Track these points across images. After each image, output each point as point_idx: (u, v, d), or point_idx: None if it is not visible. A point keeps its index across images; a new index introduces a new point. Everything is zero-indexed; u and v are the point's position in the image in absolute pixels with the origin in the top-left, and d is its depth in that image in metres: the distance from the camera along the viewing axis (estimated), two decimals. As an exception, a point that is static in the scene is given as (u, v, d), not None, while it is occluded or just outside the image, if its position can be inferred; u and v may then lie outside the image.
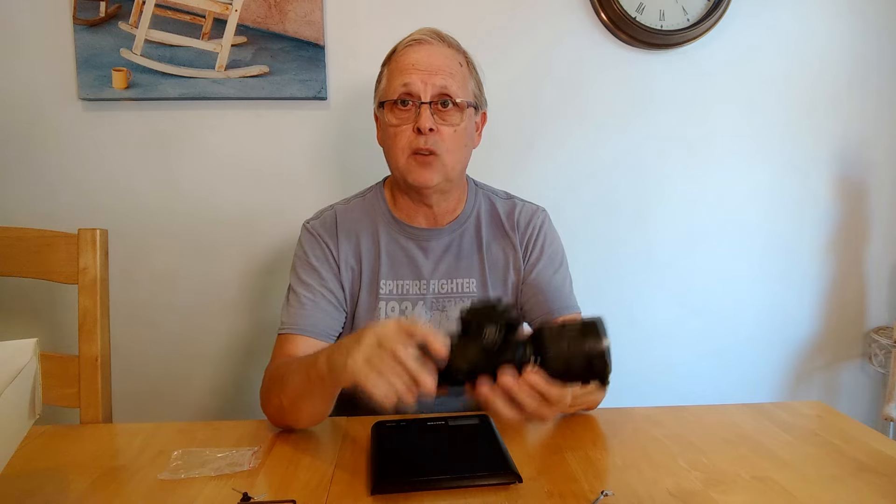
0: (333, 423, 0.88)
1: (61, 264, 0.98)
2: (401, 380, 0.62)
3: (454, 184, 0.98)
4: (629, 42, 1.44)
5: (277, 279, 1.45)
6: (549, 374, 0.63)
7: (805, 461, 0.75)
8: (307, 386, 0.77)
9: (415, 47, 0.93)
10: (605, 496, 0.66)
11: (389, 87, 0.94)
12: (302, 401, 0.80)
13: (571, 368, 0.63)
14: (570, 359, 0.63)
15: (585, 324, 0.64)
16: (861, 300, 1.59)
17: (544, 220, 1.04)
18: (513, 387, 0.62)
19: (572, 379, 0.64)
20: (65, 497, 0.68)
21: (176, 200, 1.42)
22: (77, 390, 0.95)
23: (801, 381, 1.61)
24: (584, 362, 0.63)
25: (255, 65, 1.36)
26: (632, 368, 1.54)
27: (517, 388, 0.62)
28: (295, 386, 0.79)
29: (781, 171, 1.52)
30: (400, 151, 0.93)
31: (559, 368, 0.63)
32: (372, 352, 0.64)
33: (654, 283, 1.54)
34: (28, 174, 1.39)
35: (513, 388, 0.62)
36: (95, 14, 1.33)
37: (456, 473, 0.69)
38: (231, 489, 0.68)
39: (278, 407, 0.82)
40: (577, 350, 0.63)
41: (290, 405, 0.81)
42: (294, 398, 0.80)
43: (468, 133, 0.96)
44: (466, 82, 0.95)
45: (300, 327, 0.92)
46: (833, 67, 1.50)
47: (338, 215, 1.01)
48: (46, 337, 1.44)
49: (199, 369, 1.48)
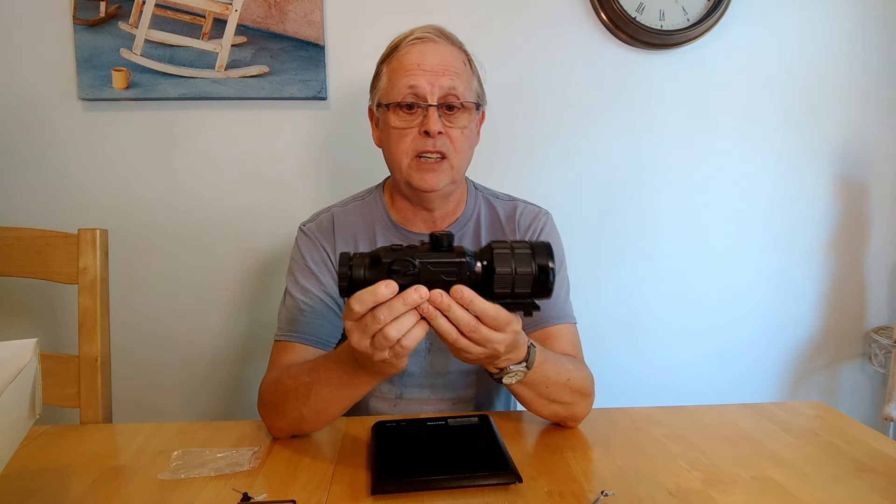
0: (333, 423, 0.88)
1: (61, 264, 0.98)
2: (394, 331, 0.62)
3: (457, 185, 0.96)
4: (629, 42, 1.44)
5: (277, 279, 1.45)
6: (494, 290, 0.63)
7: (805, 461, 0.75)
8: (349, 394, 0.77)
9: (418, 45, 0.90)
10: (605, 496, 0.66)
11: (393, 88, 0.91)
12: (332, 410, 0.79)
13: (517, 284, 0.62)
14: (517, 275, 0.62)
15: (535, 245, 0.64)
16: (861, 300, 1.59)
17: (546, 222, 1.02)
18: (440, 301, 0.61)
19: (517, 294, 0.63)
20: (65, 497, 0.68)
21: (176, 200, 1.43)
22: (77, 390, 0.95)
23: (801, 381, 1.61)
24: (530, 279, 0.62)
25: (255, 65, 1.36)
26: (632, 368, 1.54)
27: (445, 302, 0.61)
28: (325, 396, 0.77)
29: (781, 171, 1.52)
30: (403, 154, 0.90)
31: (506, 284, 0.62)
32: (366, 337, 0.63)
33: (654, 283, 1.54)
34: (28, 174, 1.39)
35: (441, 303, 0.61)
36: (95, 14, 1.33)
37: (456, 473, 0.69)
38: (231, 489, 0.69)
39: (296, 420, 0.80)
40: (525, 266, 0.62)
41: (314, 416, 0.80)
42: (321, 409, 0.79)
43: (473, 133, 0.95)
44: (470, 81, 0.93)
45: (299, 334, 0.90)
46: (833, 68, 1.50)
47: (335, 218, 0.99)
48: (46, 337, 1.44)
49: (199, 369, 1.48)
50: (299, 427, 0.82)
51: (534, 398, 0.80)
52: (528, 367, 0.73)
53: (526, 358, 0.73)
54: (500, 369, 0.73)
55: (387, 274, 0.61)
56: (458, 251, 0.63)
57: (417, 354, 0.97)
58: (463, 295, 0.61)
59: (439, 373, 0.97)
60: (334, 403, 0.78)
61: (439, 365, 0.97)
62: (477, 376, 0.99)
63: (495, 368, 0.73)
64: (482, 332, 0.63)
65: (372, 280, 0.62)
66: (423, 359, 0.97)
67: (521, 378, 0.74)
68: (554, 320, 0.93)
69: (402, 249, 0.63)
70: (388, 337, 0.61)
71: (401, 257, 0.61)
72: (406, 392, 0.98)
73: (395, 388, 0.98)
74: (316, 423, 0.82)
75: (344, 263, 0.63)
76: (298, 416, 0.80)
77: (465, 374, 0.98)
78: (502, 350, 0.66)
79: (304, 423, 0.81)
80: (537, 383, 0.77)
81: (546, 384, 0.78)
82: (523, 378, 0.74)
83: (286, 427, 0.82)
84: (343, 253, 0.64)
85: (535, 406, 0.82)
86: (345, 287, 0.63)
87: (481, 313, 0.62)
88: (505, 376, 0.74)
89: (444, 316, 0.62)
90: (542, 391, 0.79)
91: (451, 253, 0.63)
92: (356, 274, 0.63)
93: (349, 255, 0.64)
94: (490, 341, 0.64)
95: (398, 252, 0.62)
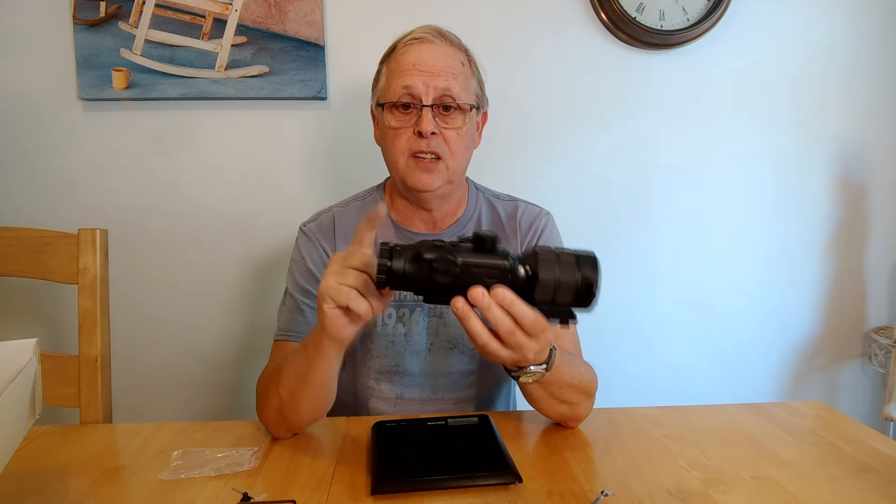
0: (333, 423, 0.88)
1: (61, 264, 0.98)
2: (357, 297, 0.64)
3: (455, 186, 0.95)
4: (629, 42, 1.44)
5: (277, 279, 1.44)
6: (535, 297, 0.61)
7: (805, 461, 0.75)
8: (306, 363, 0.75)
9: (416, 46, 0.90)
10: (605, 496, 0.66)
11: (389, 88, 0.91)
12: (302, 387, 0.77)
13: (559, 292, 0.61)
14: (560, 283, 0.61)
15: (580, 255, 0.62)
16: (861, 300, 1.59)
17: (547, 222, 1.01)
18: (482, 300, 0.60)
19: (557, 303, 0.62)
20: (65, 497, 0.68)
21: (176, 200, 1.42)
22: (77, 390, 0.95)
23: (801, 381, 1.61)
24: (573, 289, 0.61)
25: (255, 65, 1.36)
26: (632, 368, 1.54)
27: (486, 302, 0.60)
28: (292, 371, 0.77)
29: (781, 171, 1.53)
30: (399, 153, 0.90)
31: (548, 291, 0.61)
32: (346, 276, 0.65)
33: (654, 283, 1.54)
34: (28, 174, 1.39)
35: (482, 302, 0.60)
36: (95, 14, 1.33)
37: (456, 473, 0.69)
38: (231, 489, 0.69)
39: (278, 407, 0.79)
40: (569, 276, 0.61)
41: (289, 397, 0.78)
42: (293, 387, 0.77)
43: (470, 134, 0.94)
44: (469, 82, 0.93)
45: (299, 334, 0.91)
46: (833, 67, 1.50)
47: (335, 218, 0.99)
48: (46, 337, 1.44)
49: (199, 369, 1.48)
50: (282, 415, 0.80)
51: (545, 397, 0.80)
52: (547, 369, 0.73)
53: (547, 360, 0.72)
54: (520, 367, 0.72)
55: (427, 272, 0.60)
56: (502, 253, 0.62)
57: (417, 354, 0.97)
58: (504, 296, 0.60)
59: (439, 373, 0.97)
60: (301, 377, 0.76)
61: (439, 365, 0.97)
62: (477, 376, 0.99)
63: (514, 366, 0.73)
64: (517, 337, 0.62)
65: (412, 274, 0.61)
66: (424, 359, 0.97)
67: (538, 378, 0.74)
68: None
69: (446, 246, 0.61)
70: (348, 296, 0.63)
71: (444, 255, 0.60)
72: (406, 392, 0.98)
73: (396, 388, 0.98)
74: (297, 410, 0.79)
75: (385, 255, 0.62)
76: (278, 402, 0.79)
77: (465, 374, 0.98)
78: (531, 357, 0.66)
79: (285, 410, 0.79)
80: (552, 384, 0.77)
81: (559, 385, 0.78)
82: (540, 378, 0.74)
83: (273, 417, 0.81)
84: (383, 243, 0.63)
85: (544, 405, 0.82)
86: (383, 280, 0.62)
87: (520, 317, 0.61)
88: (523, 375, 0.73)
89: (477, 317, 0.61)
90: (554, 391, 0.79)
91: (494, 255, 0.61)
92: (396, 266, 0.61)
93: (390, 247, 0.62)
94: (522, 347, 0.63)
95: (441, 250, 0.61)
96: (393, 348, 0.97)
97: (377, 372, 0.98)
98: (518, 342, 0.63)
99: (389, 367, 0.98)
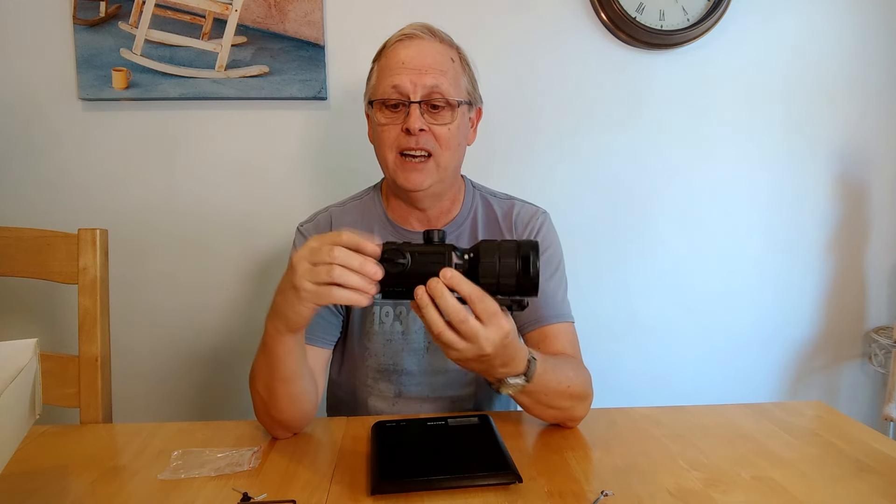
0: (333, 423, 0.88)
1: (61, 264, 0.98)
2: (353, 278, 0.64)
3: (447, 184, 0.95)
4: (629, 42, 1.44)
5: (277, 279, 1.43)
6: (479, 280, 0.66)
7: (805, 461, 0.75)
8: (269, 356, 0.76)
9: (405, 43, 0.90)
10: (605, 496, 0.66)
11: (379, 86, 0.91)
12: (273, 379, 0.77)
13: (502, 276, 0.66)
14: (502, 266, 0.65)
15: (521, 241, 0.67)
16: (861, 300, 1.59)
17: (543, 222, 1.01)
18: (434, 286, 0.64)
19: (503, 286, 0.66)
20: (65, 497, 0.68)
21: (176, 200, 1.43)
22: (77, 390, 0.95)
23: (801, 381, 1.61)
24: (514, 271, 0.65)
25: (255, 65, 1.36)
26: (632, 368, 1.54)
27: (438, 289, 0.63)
28: (261, 365, 0.78)
29: (781, 171, 1.53)
30: (388, 149, 0.91)
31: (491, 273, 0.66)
32: (312, 273, 0.66)
33: (654, 283, 1.54)
34: (28, 174, 1.39)
35: (434, 289, 0.63)
36: (95, 14, 1.33)
37: (456, 473, 0.69)
38: (231, 489, 0.68)
39: (262, 405, 0.80)
40: (510, 258, 0.66)
41: (267, 394, 0.78)
42: (266, 382, 0.78)
43: (462, 131, 0.93)
44: (459, 79, 0.92)
45: None
46: (833, 67, 1.50)
47: (333, 218, 0.99)
48: (46, 337, 1.44)
49: (199, 369, 1.48)
50: (268, 413, 0.80)
51: (533, 405, 0.80)
52: (527, 380, 0.73)
53: (525, 371, 0.73)
54: (498, 380, 0.73)
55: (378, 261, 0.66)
56: (449, 245, 0.68)
57: (415, 353, 0.97)
58: (453, 276, 0.64)
59: (438, 371, 0.97)
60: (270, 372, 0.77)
61: (438, 363, 0.97)
62: (476, 375, 0.99)
63: (493, 379, 0.74)
64: (470, 325, 0.64)
65: None
66: (422, 357, 0.97)
67: (519, 389, 0.74)
68: (551, 319, 0.93)
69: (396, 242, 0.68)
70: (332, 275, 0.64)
71: (391, 247, 0.66)
72: (405, 391, 0.98)
73: (394, 387, 0.98)
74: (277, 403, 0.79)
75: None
76: (260, 401, 0.80)
77: (463, 372, 0.98)
78: (489, 350, 0.66)
79: (268, 407, 0.79)
80: (537, 392, 0.77)
81: (545, 393, 0.78)
82: (520, 390, 0.75)
83: (263, 416, 0.82)
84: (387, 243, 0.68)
85: (534, 411, 0.82)
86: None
87: (467, 295, 0.64)
88: (502, 387, 0.74)
89: (433, 306, 0.64)
90: (541, 399, 0.79)
91: (440, 245, 0.68)
92: None
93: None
94: (477, 337, 0.65)
95: (391, 244, 0.67)
96: (391, 346, 0.97)
97: (375, 370, 0.98)
98: (472, 331, 0.65)
99: (387, 366, 0.98)
